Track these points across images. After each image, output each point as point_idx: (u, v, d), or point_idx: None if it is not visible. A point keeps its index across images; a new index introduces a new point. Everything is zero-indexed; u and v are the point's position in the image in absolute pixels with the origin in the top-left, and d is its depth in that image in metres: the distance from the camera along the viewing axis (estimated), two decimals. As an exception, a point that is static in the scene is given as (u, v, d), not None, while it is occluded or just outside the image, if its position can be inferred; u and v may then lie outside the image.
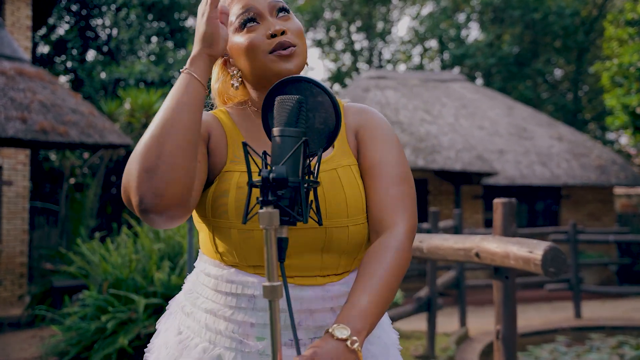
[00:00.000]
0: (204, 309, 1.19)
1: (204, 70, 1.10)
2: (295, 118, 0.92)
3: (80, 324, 5.01)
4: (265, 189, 0.86)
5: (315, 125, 0.97)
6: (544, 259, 1.99)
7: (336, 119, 0.97)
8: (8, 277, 8.58)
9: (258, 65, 1.18)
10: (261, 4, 1.19)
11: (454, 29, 19.83)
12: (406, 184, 1.21)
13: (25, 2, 8.99)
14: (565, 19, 17.79)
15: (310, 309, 1.14)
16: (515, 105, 13.34)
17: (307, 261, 1.14)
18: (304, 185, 0.90)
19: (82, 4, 14.41)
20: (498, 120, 12.26)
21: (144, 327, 4.92)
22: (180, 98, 1.05)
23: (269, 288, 0.84)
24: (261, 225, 0.84)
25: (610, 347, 6.38)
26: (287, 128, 0.91)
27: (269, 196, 0.85)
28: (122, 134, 7.49)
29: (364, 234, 1.18)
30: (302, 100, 0.93)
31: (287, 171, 0.87)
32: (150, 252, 5.48)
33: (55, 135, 6.14)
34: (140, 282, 5.24)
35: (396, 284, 1.10)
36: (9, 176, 8.62)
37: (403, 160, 1.24)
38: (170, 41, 14.91)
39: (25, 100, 6.27)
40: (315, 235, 1.13)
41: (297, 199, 0.89)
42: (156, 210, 1.01)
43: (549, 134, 12.20)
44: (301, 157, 0.90)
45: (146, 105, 9.79)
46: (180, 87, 1.07)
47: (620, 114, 8.68)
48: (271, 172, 0.86)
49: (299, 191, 0.89)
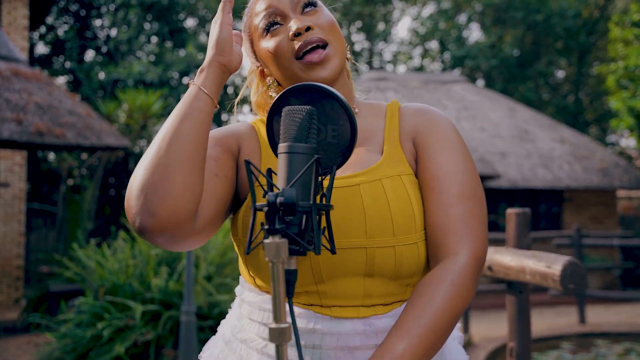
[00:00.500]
0: (239, 339, 1.07)
1: (214, 80, 0.99)
2: (306, 132, 0.80)
3: (76, 331, 4.90)
4: (271, 215, 0.74)
5: (328, 139, 0.86)
6: (562, 274, 1.88)
7: (351, 131, 0.85)
8: (4, 280, 8.47)
9: (288, 74, 1.07)
10: (283, 3, 1.07)
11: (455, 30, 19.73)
12: (473, 202, 1.01)
13: (22, 2, 8.86)
14: (567, 21, 17.69)
15: (350, 345, 0.97)
16: (517, 107, 13.23)
17: (346, 287, 0.98)
18: (316, 210, 0.78)
19: (81, 4, 14.29)
20: (500, 122, 12.15)
21: (140, 335, 4.82)
22: (181, 110, 0.96)
23: (276, 331, 0.72)
24: (267, 258, 0.72)
25: (617, 354, 6.26)
26: (297, 144, 0.79)
27: (276, 224, 0.74)
28: (120, 136, 7.37)
29: (417, 256, 1.00)
30: (313, 112, 0.81)
31: (297, 194, 0.75)
32: (147, 258, 5.36)
33: (52, 137, 6.02)
34: (138, 288, 5.13)
35: (448, 328, 0.93)
36: (5, 178, 8.49)
37: (471, 173, 1.04)
38: (170, 42, 14.80)
39: (21, 102, 6.14)
40: (354, 256, 0.97)
41: (307, 224, 0.78)
42: (151, 230, 0.90)
43: (551, 136, 12.09)
44: (312, 178, 0.78)
45: (144, 107, 9.66)
46: (184, 99, 0.98)
47: (626, 117, 8.57)
48: (278, 195, 0.74)
49: (310, 217, 0.77)
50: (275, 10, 1.07)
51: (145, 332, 4.83)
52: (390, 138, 1.09)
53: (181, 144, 0.92)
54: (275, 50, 1.05)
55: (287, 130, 0.80)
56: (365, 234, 0.97)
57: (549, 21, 17.82)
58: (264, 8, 1.08)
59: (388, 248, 0.97)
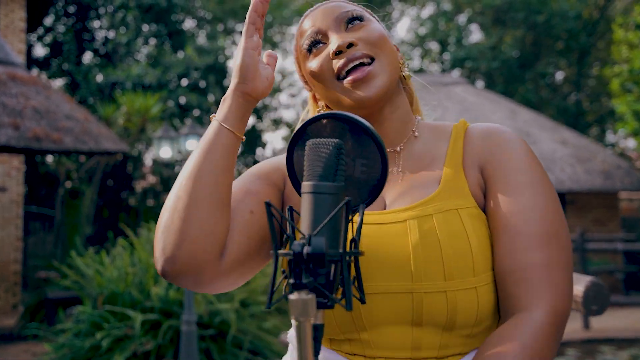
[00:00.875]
0: None
1: (236, 111, 0.91)
2: (334, 170, 0.70)
3: (74, 341, 4.82)
4: (297, 267, 0.65)
5: (356, 174, 0.77)
6: (585, 295, 1.78)
7: (382, 166, 0.76)
8: (2, 286, 8.37)
9: (331, 97, 0.98)
10: (325, 21, 0.98)
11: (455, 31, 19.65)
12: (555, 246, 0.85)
13: (20, 4, 8.77)
14: (568, 22, 17.62)
15: None
16: (518, 109, 13.17)
17: (391, 337, 0.87)
18: (347, 259, 0.69)
19: (79, 6, 14.18)
20: (501, 124, 11.98)
21: (140, 345, 4.73)
22: (202, 147, 0.90)
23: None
24: (292, 316, 0.63)
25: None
26: (323, 183, 0.69)
27: (303, 277, 0.65)
28: (118, 140, 7.27)
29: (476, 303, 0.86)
30: (341, 146, 0.72)
31: (326, 243, 0.66)
32: (147, 265, 5.27)
33: (49, 143, 5.93)
34: (137, 297, 5.04)
35: None
36: (2, 182, 8.40)
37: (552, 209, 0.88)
38: (168, 43, 14.70)
39: (18, 106, 6.05)
40: (399, 302, 0.86)
41: (336, 275, 0.69)
42: (171, 274, 0.87)
43: (552, 138, 12.01)
44: (342, 222, 0.69)
45: (143, 109, 9.57)
46: (205, 134, 0.92)
47: (631, 121, 8.50)
48: (305, 244, 0.65)
49: (339, 266, 0.68)
50: (318, 29, 0.98)
51: (145, 342, 4.74)
52: (452, 165, 0.96)
53: (198, 183, 0.87)
54: (316, 72, 0.97)
55: (312, 167, 0.71)
56: (411, 277, 0.85)
57: (549, 22, 17.75)
58: (307, 27, 1.00)
59: (438, 293, 0.85)
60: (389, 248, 0.88)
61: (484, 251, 0.87)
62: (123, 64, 13.65)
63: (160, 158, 5.37)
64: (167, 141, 5.36)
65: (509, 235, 0.87)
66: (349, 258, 0.70)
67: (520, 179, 0.90)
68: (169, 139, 5.35)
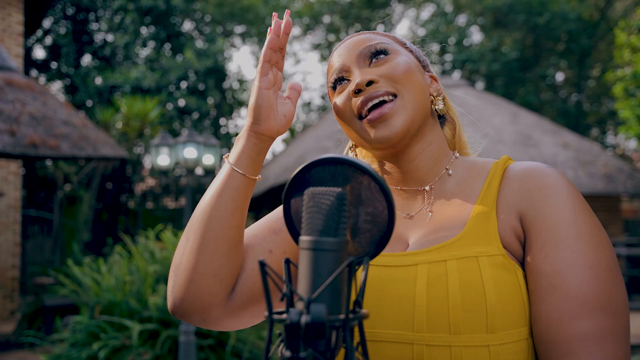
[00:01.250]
0: None
1: (249, 151, 0.87)
2: (336, 223, 0.63)
3: (71, 351, 4.75)
4: (294, 337, 0.58)
5: (359, 224, 0.69)
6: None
7: (389, 216, 0.68)
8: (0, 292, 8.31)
9: (352, 135, 0.94)
10: (350, 57, 0.93)
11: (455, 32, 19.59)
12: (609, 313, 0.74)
13: (17, 8, 8.69)
14: (569, 23, 17.56)
15: None
16: (520, 112, 13.10)
17: None
18: (349, 323, 0.62)
19: (78, 8, 14.12)
20: (502, 127, 12.01)
21: (138, 355, 4.66)
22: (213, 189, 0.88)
23: None
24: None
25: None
26: (324, 239, 0.62)
27: (300, 350, 0.58)
28: (116, 146, 7.20)
29: None
30: (344, 196, 0.64)
31: (326, 310, 0.58)
32: (145, 274, 5.20)
33: (46, 149, 5.86)
34: (135, 306, 4.97)
35: None
36: (0, 187, 8.32)
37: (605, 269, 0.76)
38: (167, 45, 14.63)
39: (14, 112, 5.98)
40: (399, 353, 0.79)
41: (338, 341, 0.62)
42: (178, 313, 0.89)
43: (554, 141, 11.95)
44: (344, 283, 0.62)
45: (142, 113, 9.50)
46: (217, 176, 0.90)
47: (635, 125, 8.42)
48: (302, 312, 0.58)
49: (343, 332, 0.61)
50: (342, 65, 0.93)
51: (142, 352, 4.67)
52: (483, 207, 0.86)
53: (206, 226, 0.86)
54: (338, 110, 0.93)
55: (312, 220, 0.63)
56: (412, 327, 0.78)
57: (550, 24, 17.69)
58: (334, 62, 0.96)
59: (442, 347, 0.77)
60: (394, 293, 0.82)
61: (506, 306, 0.77)
62: (122, 67, 13.58)
63: (158, 165, 5.30)
64: (165, 148, 5.29)
65: (554, 299, 0.76)
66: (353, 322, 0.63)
67: (566, 231, 0.78)
68: (166, 146, 5.28)
